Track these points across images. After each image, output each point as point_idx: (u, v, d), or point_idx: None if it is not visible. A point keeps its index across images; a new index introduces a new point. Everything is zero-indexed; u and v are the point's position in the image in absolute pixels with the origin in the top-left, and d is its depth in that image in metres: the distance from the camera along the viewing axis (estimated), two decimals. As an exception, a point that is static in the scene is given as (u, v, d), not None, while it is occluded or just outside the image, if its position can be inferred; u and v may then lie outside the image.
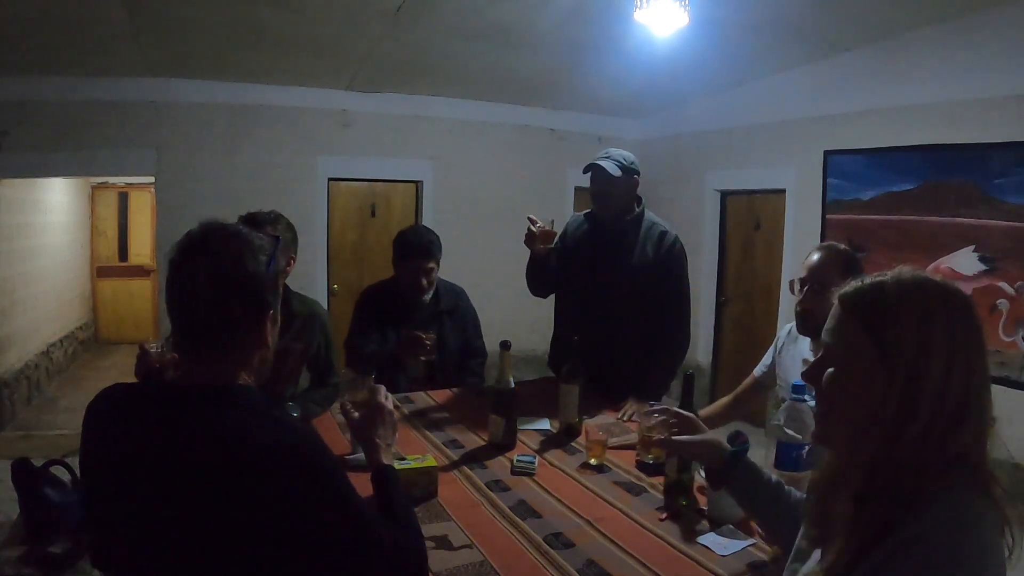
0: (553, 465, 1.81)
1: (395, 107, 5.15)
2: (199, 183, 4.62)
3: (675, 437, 1.38)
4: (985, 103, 3.48)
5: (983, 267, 3.53)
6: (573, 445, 1.96)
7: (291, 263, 2.19)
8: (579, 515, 1.51)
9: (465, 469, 1.77)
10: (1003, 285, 3.46)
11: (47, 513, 1.95)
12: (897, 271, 0.88)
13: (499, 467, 1.79)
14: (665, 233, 2.46)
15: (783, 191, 4.70)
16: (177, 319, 1.00)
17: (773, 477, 1.28)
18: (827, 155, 4.33)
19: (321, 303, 3.30)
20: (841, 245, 1.88)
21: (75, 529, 1.96)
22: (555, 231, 2.46)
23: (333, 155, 5.05)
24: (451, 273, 2.84)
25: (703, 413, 1.96)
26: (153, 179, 4.73)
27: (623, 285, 2.43)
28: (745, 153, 5.02)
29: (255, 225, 2.06)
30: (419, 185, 5.42)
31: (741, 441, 1.32)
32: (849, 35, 3.86)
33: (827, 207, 4.35)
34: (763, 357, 2.21)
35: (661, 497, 1.59)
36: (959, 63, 3.55)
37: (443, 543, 1.37)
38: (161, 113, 4.57)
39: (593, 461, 1.81)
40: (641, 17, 2.75)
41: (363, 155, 5.15)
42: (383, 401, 1.33)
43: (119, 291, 7.69)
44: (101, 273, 7.66)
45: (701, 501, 1.55)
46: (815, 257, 1.82)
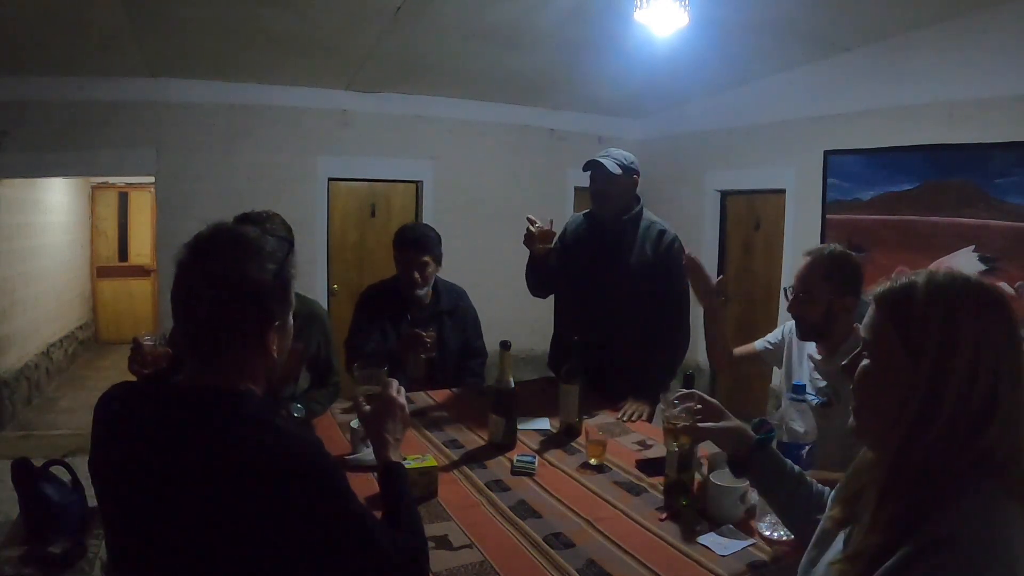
0: (553, 465, 1.81)
1: (395, 107, 5.15)
2: (199, 183, 4.62)
3: (701, 424, 1.38)
4: (985, 103, 3.48)
5: (983, 267, 3.53)
6: (573, 445, 1.96)
7: None
8: (579, 515, 1.51)
9: (465, 469, 1.77)
10: (1003, 285, 3.45)
11: (47, 513, 1.95)
12: (933, 270, 0.89)
13: (499, 467, 1.79)
14: (664, 232, 2.46)
15: (783, 191, 4.70)
16: (180, 321, 1.00)
17: (796, 468, 1.28)
18: (827, 155, 4.33)
19: (321, 303, 3.31)
20: (831, 247, 1.89)
21: (75, 529, 1.96)
22: (554, 231, 2.46)
23: (333, 155, 5.05)
24: (451, 273, 2.84)
25: None
26: (153, 179, 4.73)
27: (622, 284, 2.43)
28: (745, 153, 5.02)
29: (250, 224, 2.06)
30: (419, 185, 5.42)
31: (766, 429, 1.32)
32: (849, 35, 3.86)
33: (827, 207, 4.34)
34: (769, 335, 2.22)
35: (661, 497, 1.59)
36: (959, 63, 3.55)
37: (443, 543, 1.37)
38: (161, 113, 4.56)
39: (593, 461, 1.81)
40: (641, 17, 2.75)
41: (363, 155, 5.15)
42: (395, 395, 1.31)
43: (119, 291, 7.69)
44: (101, 273, 7.66)
45: (701, 501, 1.55)
46: (802, 264, 1.87)
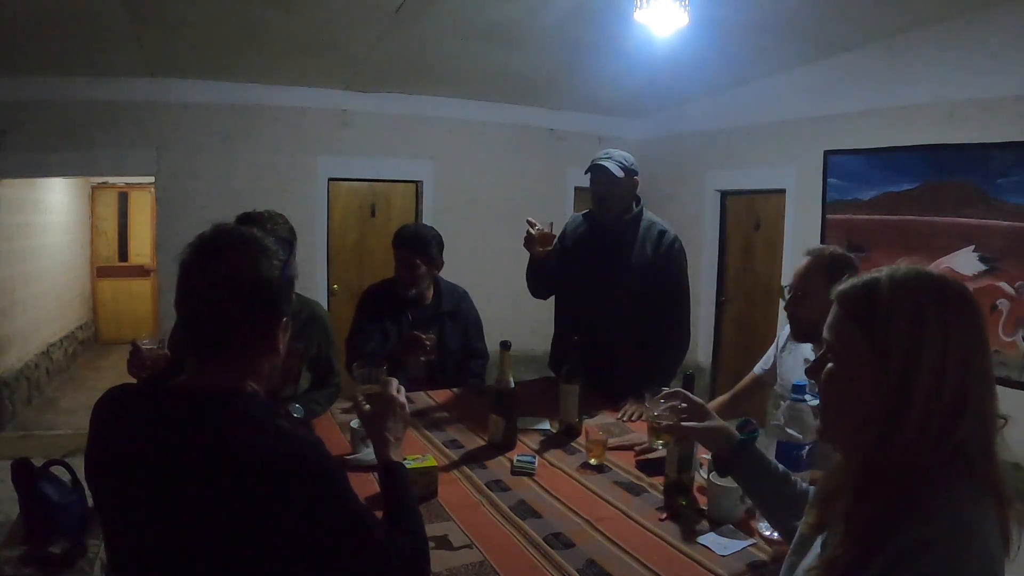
0: (553, 465, 1.81)
1: (395, 107, 5.15)
2: (199, 183, 4.62)
3: (684, 423, 1.37)
4: (985, 103, 3.48)
5: (983, 267, 3.53)
6: (573, 445, 1.96)
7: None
8: (579, 515, 1.51)
9: (465, 469, 1.77)
10: (1003, 285, 3.45)
11: (47, 513, 1.95)
12: (894, 267, 0.88)
13: (499, 467, 1.79)
14: (664, 232, 2.46)
15: (783, 191, 4.70)
16: (187, 323, 0.99)
17: (780, 467, 1.28)
18: (827, 155, 4.33)
19: (321, 303, 3.31)
20: (832, 248, 1.90)
21: (75, 529, 1.96)
22: (554, 234, 2.46)
23: (333, 155, 5.05)
24: (451, 273, 2.84)
25: None
26: (153, 179, 4.73)
27: (622, 285, 2.43)
28: (745, 153, 5.02)
29: (251, 224, 2.06)
30: (419, 185, 5.42)
31: (750, 429, 1.32)
32: (849, 35, 3.86)
33: (827, 207, 4.35)
34: (764, 355, 2.22)
35: (661, 497, 1.59)
36: (959, 63, 3.55)
37: (443, 543, 1.37)
38: (161, 113, 4.56)
39: (593, 461, 1.81)
40: (641, 17, 2.75)
41: (363, 155, 5.15)
42: (395, 394, 1.31)
43: (119, 291, 7.69)
44: (101, 273, 7.67)
45: (701, 501, 1.55)
46: (801, 263, 1.87)
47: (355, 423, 1.83)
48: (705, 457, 1.62)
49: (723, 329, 5.38)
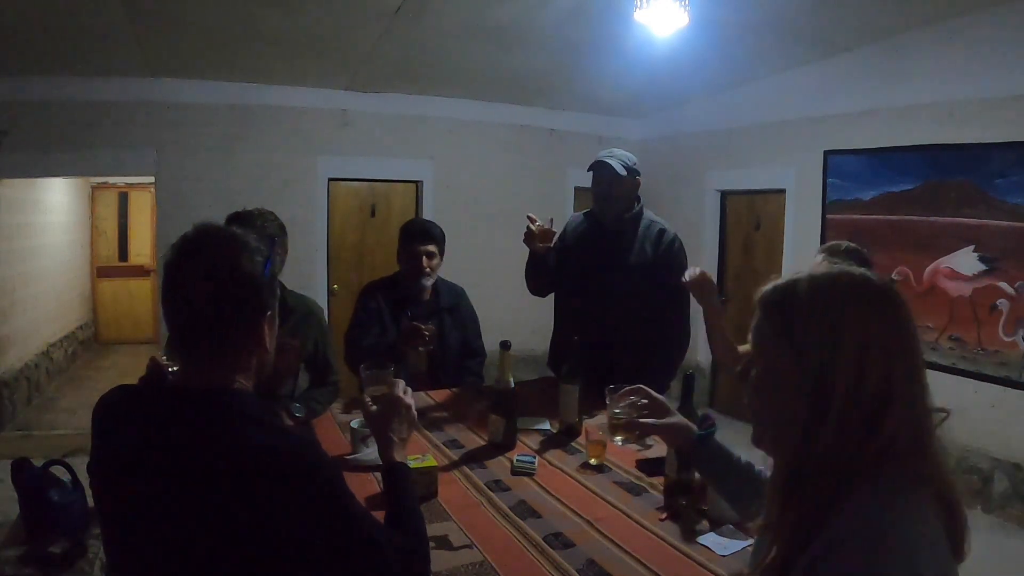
0: (553, 465, 1.81)
1: (395, 107, 5.15)
2: (199, 183, 4.62)
3: (643, 419, 1.38)
4: (985, 103, 3.48)
5: (983, 267, 3.53)
6: (573, 445, 1.96)
7: (281, 257, 2.19)
8: (579, 515, 1.51)
9: (465, 469, 1.77)
10: (1003, 285, 3.45)
11: (47, 513, 1.95)
12: (815, 268, 0.88)
13: (499, 467, 1.79)
14: (664, 231, 2.46)
15: (783, 191, 4.70)
16: (173, 322, 1.00)
17: (743, 457, 1.29)
18: (827, 155, 4.33)
19: (321, 303, 3.31)
20: (847, 243, 1.89)
21: (75, 529, 1.96)
22: (554, 231, 2.46)
23: (333, 155, 5.05)
24: (451, 273, 2.84)
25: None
26: (153, 179, 4.73)
27: (622, 284, 2.42)
28: (745, 153, 5.02)
29: (243, 222, 2.07)
30: (419, 185, 5.42)
31: (708, 424, 1.35)
32: (849, 35, 3.86)
33: (827, 207, 4.35)
34: None
35: (661, 497, 1.59)
36: (959, 63, 3.55)
37: (443, 543, 1.37)
38: (161, 113, 4.56)
39: (593, 461, 1.81)
40: (641, 17, 2.76)
41: (363, 155, 5.15)
42: (401, 395, 1.31)
43: (119, 291, 7.69)
44: (101, 273, 7.66)
45: (701, 501, 1.55)
46: (816, 261, 1.84)
47: (355, 423, 1.83)
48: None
49: (723, 329, 5.37)
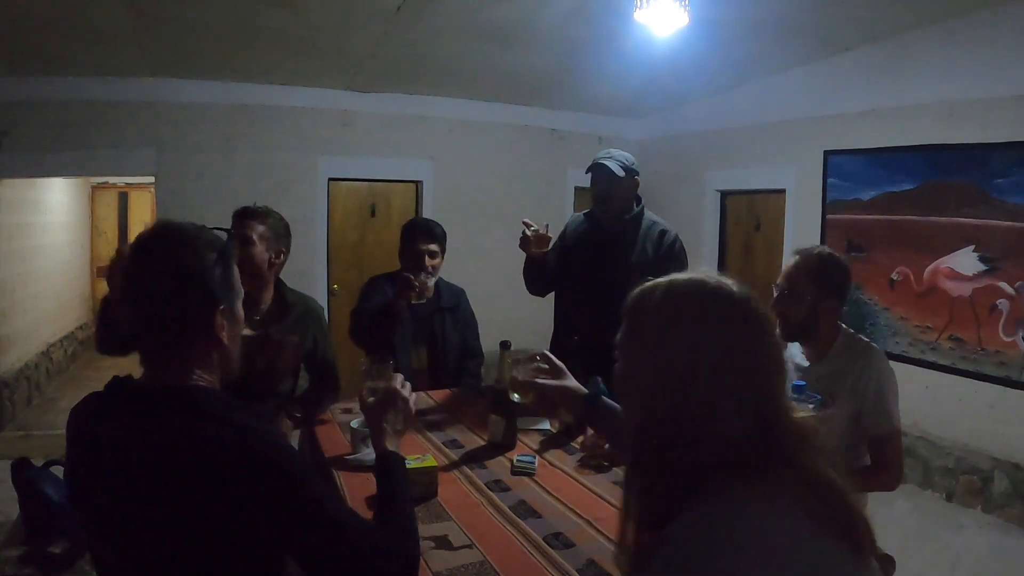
0: (553, 465, 1.81)
1: (395, 107, 5.14)
2: (199, 183, 4.62)
3: (540, 380, 1.47)
4: (985, 103, 3.48)
5: (983, 267, 3.53)
6: (573, 445, 1.96)
7: (283, 256, 2.20)
8: (579, 515, 1.51)
9: (465, 469, 1.77)
10: (1003, 285, 3.45)
11: (47, 513, 1.95)
12: (678, 274, 0.89)
13: (499, 467, 1.79)
14: (665, 232, 2.46)
15: (783, 191, 4.70)
16: (127, 319, 1.00)
17: None
18: (827, 155, 4.33)
19: (320, 303, 3.30)
20: (820, 248, 1.91)
21: (75, 529, 1.96)
22: (550, 236, 2.47)
23: (333, 155, 5.05)
24: (451, 273, 2.84)
25: None
26: (153, 179, 4.72)
27: (623, 284, 2.40)
28: (745, 153, 5.02)
29: (247, 218, 2.08)
30: (419, 185, 5.42)
31: (597, 385, 1.46)
32: (849, 35, 3.86)
33: (827, 207, 4.35)
34: None
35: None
36: (959, 63, 3.55)
37: (443, 543, 1.37)
38: (161, 113, 4.56)
39: (593, 461, 1.80)
40: (641, 17, 2.75)
41: (363, 155, 5.15)
42: (398, 388, 1.31)
43: (119, 291, 7.68)
44: (101, 273, 7.66)
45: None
46: (790, 262, 1.87)
47: (355, 423, 1.83)
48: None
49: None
